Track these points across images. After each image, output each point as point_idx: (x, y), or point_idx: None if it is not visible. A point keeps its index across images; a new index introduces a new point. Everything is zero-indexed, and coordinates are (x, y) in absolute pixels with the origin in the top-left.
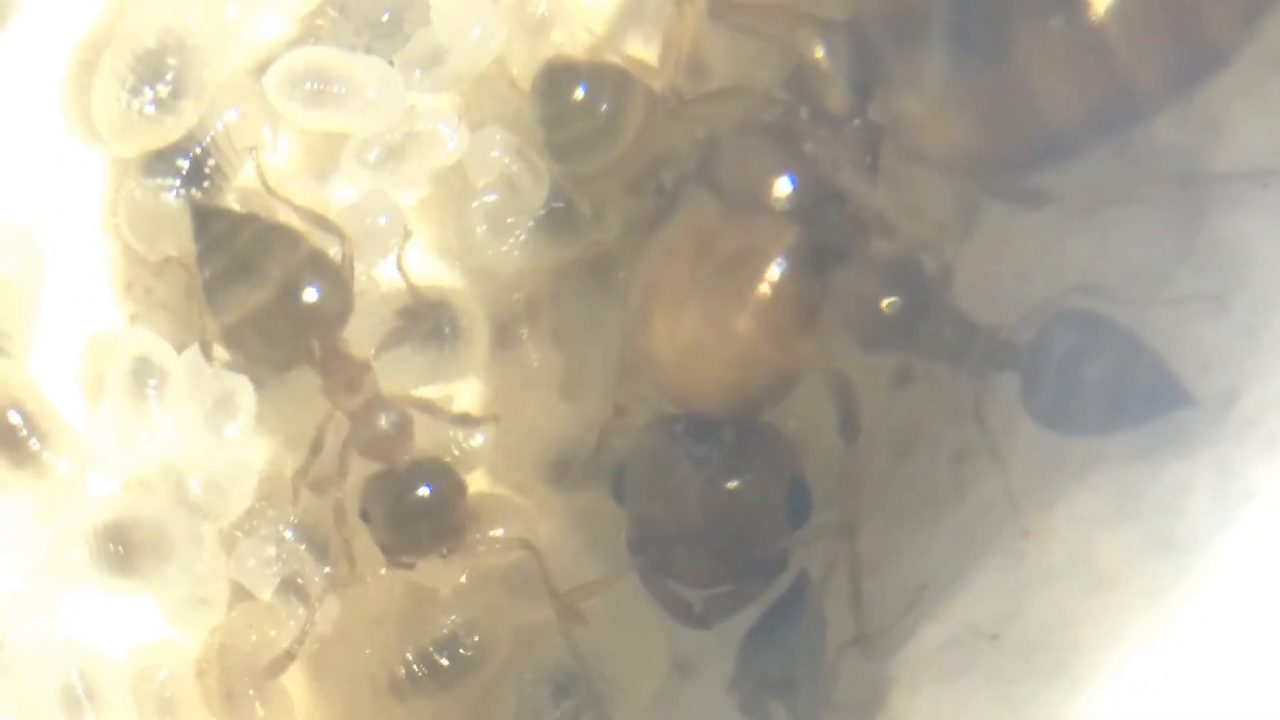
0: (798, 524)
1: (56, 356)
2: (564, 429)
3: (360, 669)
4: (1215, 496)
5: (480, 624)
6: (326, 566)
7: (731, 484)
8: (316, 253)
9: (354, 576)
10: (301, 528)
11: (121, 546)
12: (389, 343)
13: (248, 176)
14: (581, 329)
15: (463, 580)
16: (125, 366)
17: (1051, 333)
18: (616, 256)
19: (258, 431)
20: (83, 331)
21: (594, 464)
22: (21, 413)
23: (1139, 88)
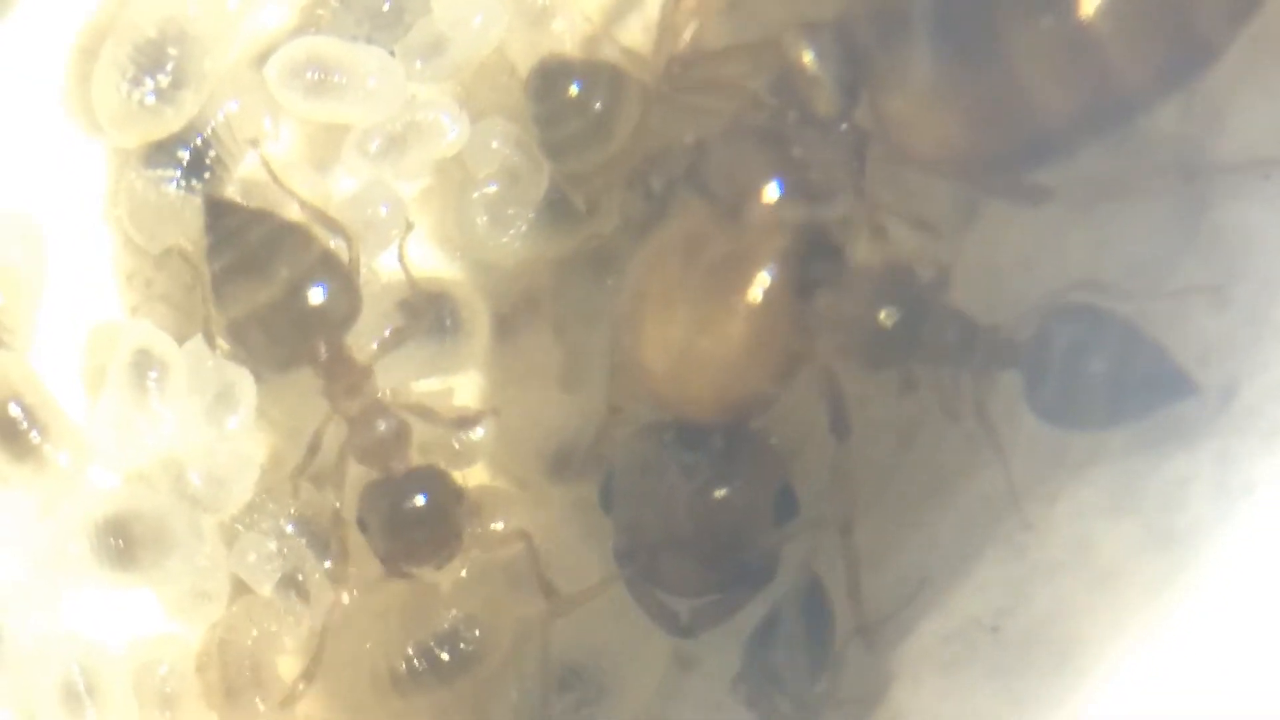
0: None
1: (57, 349)
2: (564, 421)
3: (361, 663)
4: (1216, 489)
5: (481, 618)
6: (328, 561)
7: (720, 492)
8: (328, 254)
9: (347, 578)
10: (302, 522)
11: (122, 540)
12: (391, 344)
13: (250, 168)
14: (582, 320)
15: (463, 574)
16: (126, 359)
17: (1052, 328)
18: (617, 248)
19: (259, 425)
20: (83, 324)
21: (593, 457)
22: (22, 405)
23: (1129, 84)
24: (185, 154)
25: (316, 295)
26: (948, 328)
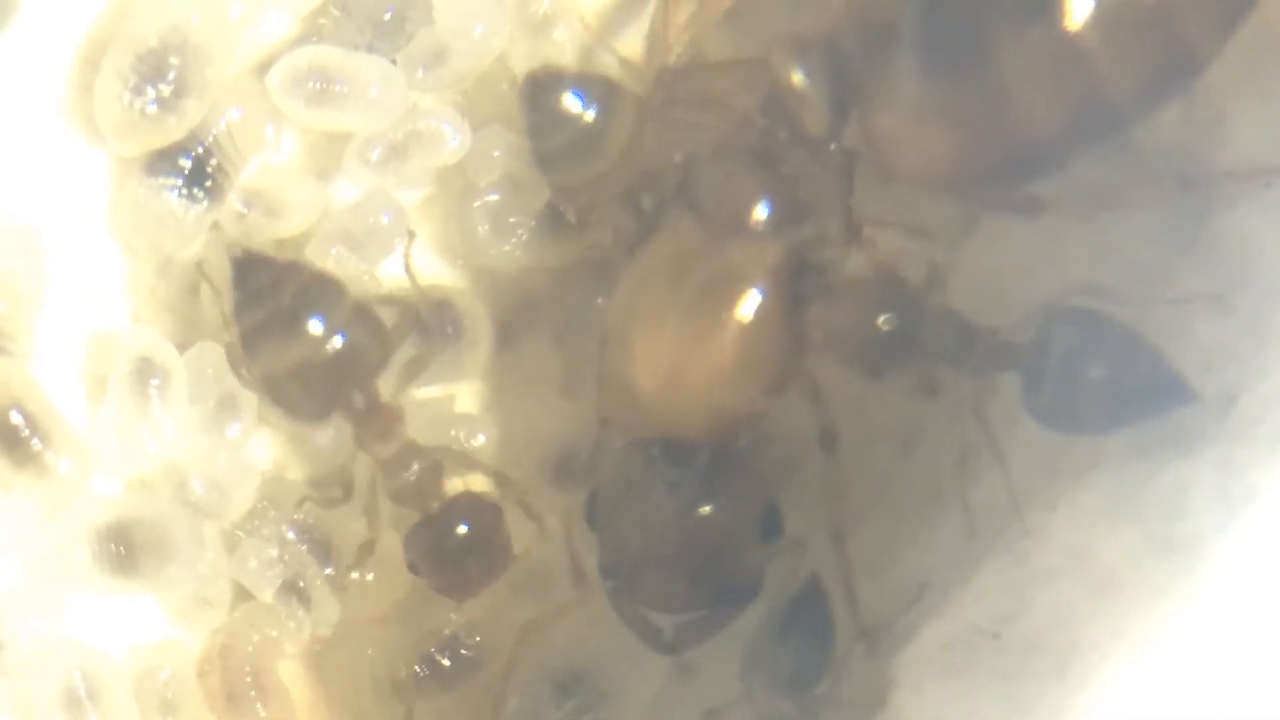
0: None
1: (59, 356)
2: (566, 427)
3: (363, 670)
4: (1217, 496)
5: (482, 624)
6: (329, 568)
7: (705, 509)
8: (360, 305)
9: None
10: (304, 528)
11: (123, 547)
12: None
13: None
14: (583, 328)
15: None
16: (128, 367)
17: (1051, 331)
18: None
19: (260, 432)
20: (85, 332)
21: (594, 463)
22: (24, 413)
23: (1118, 95)
24: (187, 163)
25: (351, 347)
26: (944, 330)
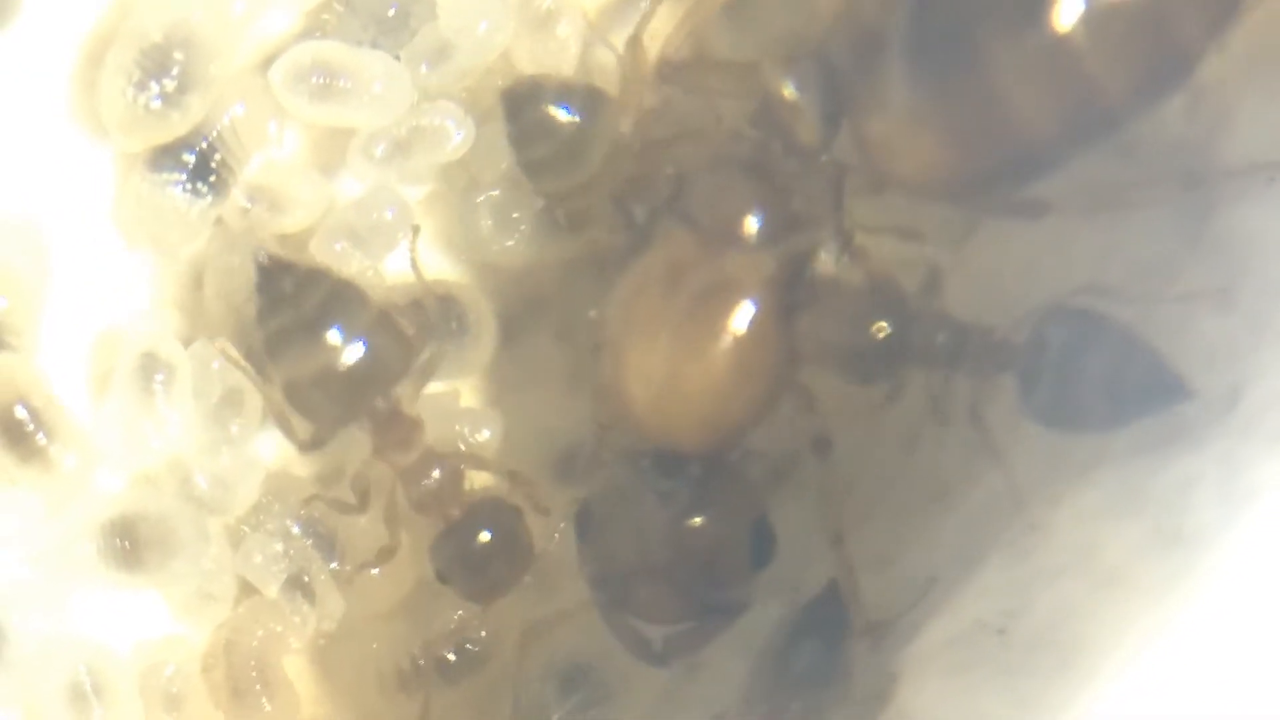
0: (761, 565)
1: (63, 352)
2: (570, 423)
3: (367, 664)
4: (1221, 491)
5: (486, 619)
6: (333, 563)
7: (696, 520)
8: (383, 313)
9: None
10: (308, 523)
11: (128, 542)
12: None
13: (254, 172)
14: (587, 323)
15: None
16: (132, 362)
17: (1045, 331)
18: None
19: (265, 427)
20: (89, 327)
21: (598, 458)
22: (28, 408)
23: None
24: (191, 158)
25: (374, 355)
26: (937, 333)
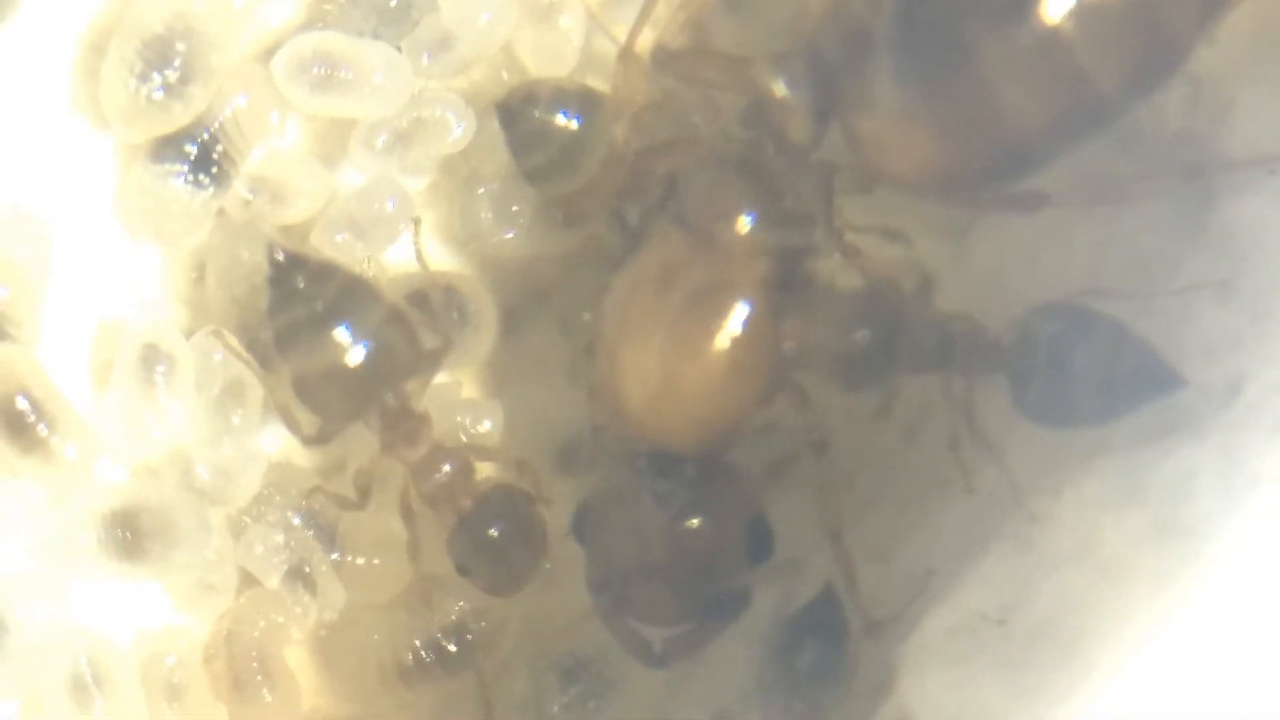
0: (759, 562)
1: (65, 342)
2: (571, 414)
3: (368, 655)
4: (1221, 482)
5: (487, 610)
6: (334, 553)
7: (694, 520)
8: (395, 308)
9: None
10: (309, 514)
11: (129, 532)
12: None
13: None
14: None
15: None
16: (133, 353)
17: (1034, 327)
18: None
19: (266, 418)
20: (90, 318)
21: (598, 450)
22: (30, 399)
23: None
24: (192, 149)
25: (384, 351)
26: (926, 337)
